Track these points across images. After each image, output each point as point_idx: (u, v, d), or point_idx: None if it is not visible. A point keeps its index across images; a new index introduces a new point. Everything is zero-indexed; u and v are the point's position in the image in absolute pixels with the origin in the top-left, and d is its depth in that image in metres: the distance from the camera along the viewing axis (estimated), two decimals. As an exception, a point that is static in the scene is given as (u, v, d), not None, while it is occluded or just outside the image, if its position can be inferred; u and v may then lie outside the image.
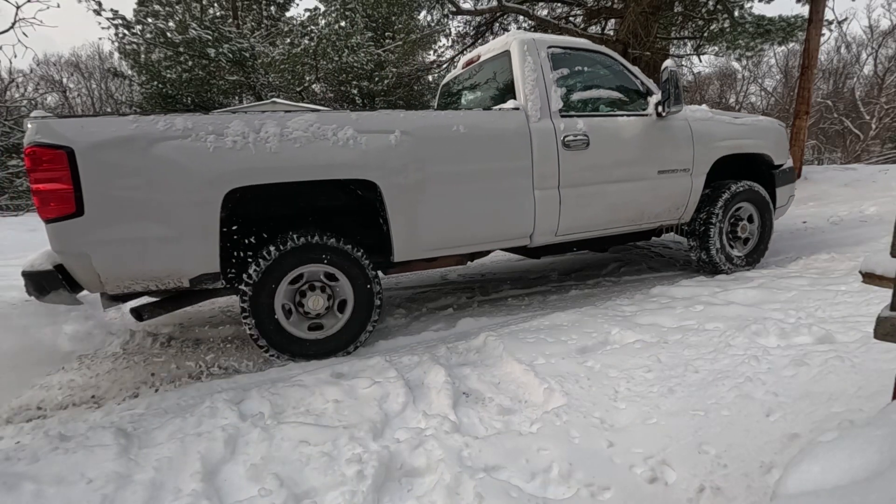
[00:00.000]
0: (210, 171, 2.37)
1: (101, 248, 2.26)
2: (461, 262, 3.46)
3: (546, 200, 3.14)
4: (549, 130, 3.11)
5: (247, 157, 2.42)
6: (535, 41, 3.25)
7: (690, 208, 3.74)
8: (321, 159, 2.55)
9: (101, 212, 2.23)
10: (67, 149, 2.16)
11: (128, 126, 2.27)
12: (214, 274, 2.49)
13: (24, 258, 5.72)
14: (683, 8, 11.10)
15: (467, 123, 2.89)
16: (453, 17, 12.86)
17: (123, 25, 13.52)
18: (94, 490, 1.54)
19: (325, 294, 2.75)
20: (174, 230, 2.35)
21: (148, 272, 2.38)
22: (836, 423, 1.50)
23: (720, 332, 2.36)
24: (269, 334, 2.63)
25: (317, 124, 2.56)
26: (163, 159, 2.30)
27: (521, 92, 3.16)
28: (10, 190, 12.09)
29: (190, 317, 3.68)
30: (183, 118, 2.37)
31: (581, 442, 1.66)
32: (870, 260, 1.29)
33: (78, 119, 2.25)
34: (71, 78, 26.34)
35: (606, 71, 3.50)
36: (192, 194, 2.35)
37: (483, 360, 2.45)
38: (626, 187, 3.40)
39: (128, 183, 2.27)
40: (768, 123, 4.20)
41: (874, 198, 6.88)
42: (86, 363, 2.88)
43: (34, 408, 2.36)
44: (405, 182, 2.73)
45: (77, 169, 2.17)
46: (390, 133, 2.69)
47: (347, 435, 1.77)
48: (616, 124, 3.36)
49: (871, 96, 22.31)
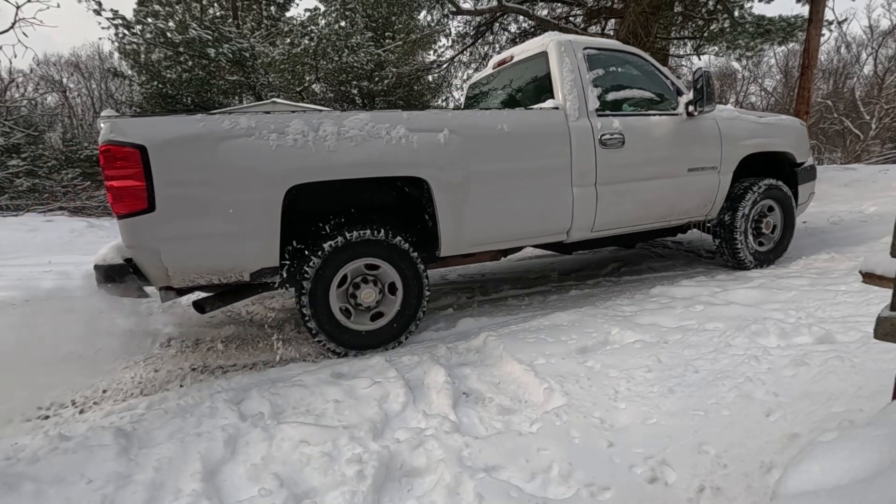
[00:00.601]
0: (273, 168, 2.44)
1: (170, 243, 2.34)
2: (495, 258, 3.53)
3: (584, 197, 3.21)
4: (587, 129, 3.18)
5: (307, 155, 2.49)
6: (572, 42, 3.33)
7: (717, 205, 3.84)
8: (376, 157, 2.63)
9: (170, 208, 2.30)
10: (140, 147, 2.23)
11: (196, 125, 2.35)
12: (274, 268, 2.56)
13: (24, 258, 5.71)
14: (683, 8, 11.09)
15: (511, 122, 2.96)
16: (453, 17, 12.86)
17: (123, 25, 13.51)
18: (94, 490, 1.54)
19: (376, 287, 2.82)
20: (239, 226, 2.43)
21: (213, 267, 2.46)
22: (837, 423, 1.50)
23: (720, 332, 2.36)
24: (325, 327, 2.69)
25: (371, 123, 2.63)
26: (228, 157, 2.37)
27: (559, 92, 3.23)
28: (10, 190, 12.08)
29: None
30: (247, 117, 2.44)
31: (581, 442, 1.66)
32: (870, 260, 1.29)
33: (149, 118, 2.33)
34: (71, 78, 26.34)
35: (638, 71, 3.59)
36: (256, 191, 2.43)
37: (483, 360, 2.45)
38: (658, 184, 3.49)
39: (196, 180, 2.34)
40: (790, 122, 4.29)
41: (874, 198, 6.87)
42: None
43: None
44: (453, 179, 2.81)
45: (149, 166, 2.24)
46: (439, 132, 2.77)
47: (347, 435, 1.77)
48: (649, 123, 3.44)
49: (871, 96, 22.31)
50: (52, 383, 2.59)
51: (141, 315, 3.37)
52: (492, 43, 13.32)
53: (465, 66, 14.48)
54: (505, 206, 2.99)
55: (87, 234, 8.26)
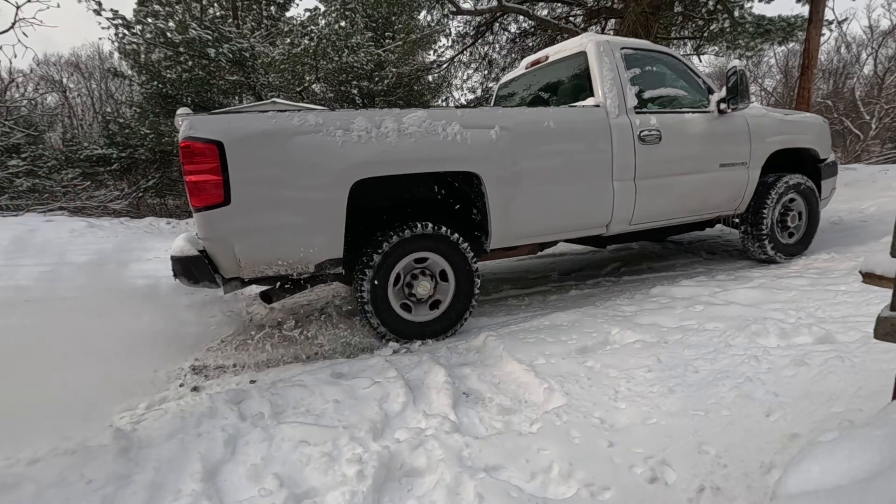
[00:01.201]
0: (339, 163, 2.54)
1: (243, 235, 2.45)
2: (533, 252, 3.67)
3: (623, 191, 3.32)
4: (626, 126, 3.30)
5: (370, 150, 2.60)
6: (610, 42, 3.45)
7: (746, 199, 3.94)
8: (433, 153, 2.74)
9: (244, 201, 2.40)
10: (218, 143, 2.33)
11: (268, 122, 2.45)
12: (337, 260, 2.66)
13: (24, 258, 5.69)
14: (683, 8, 11.09)
15: (556, 119, 3.07)
16: (453, 17, 12.85)
17: (123, 25, 13.49)
18: (93, 490, 1.54)
19: (431, 279, 2.92)
20: (307, 219, 2.54)
21: (282, 258, 2.55)
22: (836, 423, 1.50)
23: (720, 332, 2.36)
24: (384, 317, 2.79)
25: (428, 120, 2.73)
26: (298, 153, 2.48)
27: (599, 90, 3.34)
28: (10, 190, 12.07)
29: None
30: (314, 114, 2.54)
31: (581, 442, 1.66)
32: (870, 260, 1.29)
33: (225, 115, 2.44)
34: (71, 78, 26.32)
35: (671, 70, 3.72)
36: (323, 185, 2.53)
37: (483, 360, 2.45)
38: (691, 179, 3.61)
39: (268, 174, 2.45)
40: (814, 119, 4.43)
41: (874, 198, 6.86)
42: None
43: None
44: (504, 174, 2.91)
45: (226, 162, 2.34)
46: (491, 128, 2.87)
47: (347, 435, 1.77)
48: (683, 120, 3.56)
49: (871, 96, 22.30)
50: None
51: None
52: (492, 43, 13.33)
53: (465, 66, 14.49)
54: (550, 199, 3.10)
55: (87, 234, 8.26)
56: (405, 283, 2.88)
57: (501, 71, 13.89)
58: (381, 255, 2.71)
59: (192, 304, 3.74)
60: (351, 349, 2.83)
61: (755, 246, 4.01)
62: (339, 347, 2.84)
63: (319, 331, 2.99)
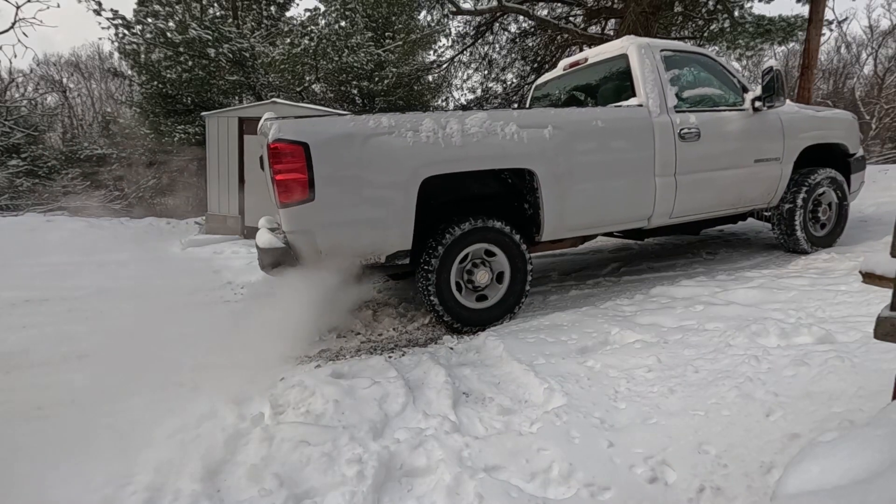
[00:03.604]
0: (411, 162, 2.74)
1: (325, 228, 2.65)
2: (574, 245, 3.82)
3: (665, 186, 3.48)
4: (667, 124, 3.46)
5: (438, 149, 2.80)
6: (650, 45, 3.62)
7: (779, 193, 4.08)
8: (494, 151, 2.93)
9: (327, 197, 2.61)
10: (304, 144, 2.54)
11: (347, 124, 2.67)
12: (406, 251, 2.86)
13: (24, 258, 5.67)
14: (683, 8, 11.09)
15: (604, 118, 3.24)
16: (453, 17, 12.86)
17: (123, 25, 13.48)
18: (93, 490, 1.54)
19: (488, 269, 3.10)
20: (382, 213, 2.74)
21: (358, 249, 2.76)
22: (837, 423, 1.50)
23: (720, 332, 2.35)
24: (447, 305, 2.97)
25: (488, 121, 2.92)
26: (374, 152, 2.68)
27: (641, 90, 3.50)
28: (10, 190, 12.07)
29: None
30: (387, 117, 2.76)
31: (581, 442, 1.66)
32: (870, 260, 1.29)
33: (309, 119, 2.67)
34: (71, 78, 26.31)
35: (707, 70, 3.87)
36: (397, 182, 2.73)
37: (483, 360, 2.45)
38: (728, 174, 3.76)
39: (348, 173, 2.64)
40: (844, 115, 4.57)
41: (874, 198, 6.86)
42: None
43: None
44: (557, 170, 3.08)
45: (311, 161, 2.54)
46: (545, 127, 3.05)
47: (347, 435, 1.77)
48: (720, 118, 3.71)
49: (871, 96, 22.29)
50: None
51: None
52: (492, 43, 13.34)
53: (465, 66, 14.49)
54: (598, 194, 3.28)
55: (88, 233, 8.25)
56: (465, 273, 3.06)
57: (501, 71, 13.90)
58: (445, 247, 2.90)
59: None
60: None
61: (788, 238, 4.12)
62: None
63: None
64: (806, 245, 4.09)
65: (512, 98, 13.61)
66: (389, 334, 3.13)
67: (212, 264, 6.03)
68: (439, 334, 3.04)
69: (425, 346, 2.83)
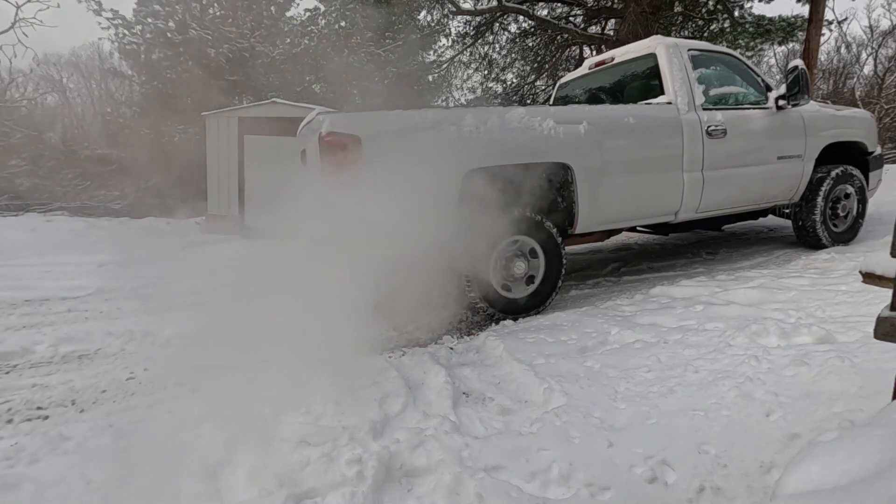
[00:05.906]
0: (455, 155, 2.85)
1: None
2: (601, 239, 3.94)
3: (692, 182, 3.58)
4: (695, 121, 3.56)
5: (481, 144, 2.91)
6: (678, 45, 3.72)
7: (801, 190, 4.18)
8: (533, 146, 3.04)
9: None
10: (356, 137, 2.66)
11: (396, 119, 2.82)
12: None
13: (24, 258, 5.66)
14: (683, 8, 11.09)
15: (635, 115, 3.36)
16: (453, 17, 12.86)
17: (123, 25, 13.50)
18: (93, 490, 1.54)
19: (525, 259, 3.18)
20: (431, 204, 2.74)
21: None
22: (837, 423, 1.50)
23: (720, 332, 2.35)
24: (489, 297, 3.08)
25: (527, 117, 3.02)
26: (421, 146, 2.80)
27: (670, 89, 3.61)
28: (10, 190, 12.05)
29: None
30: (433, 112, 2.93)
31: (581, 442, 1.66)
32: (870, 260, 1.29)
33: (359, 114, 2.92)
34: (71, 78, 26.30)
35: (732, 69, 3.97)
36: (441, 174, 2.82)
37: (483, 360, 2.45)
38: (753, 171, 3.86)
39: (385, 166, 2.67)
40: (863, 114, 4.70)
41: (874, 197, 6.85)
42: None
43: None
44: (592, 165, 3.19)
45: (361, 154, 2.66)
46: (580, 123, 3.15)
47: (347, 435, 1.77)
48: (745, 116, 3.82)
49: (871, 96, 22.28)
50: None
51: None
52: (492, 43, 13.33)
53: (465, 66, 14.49)
54: (630, 188, 3.39)
55: (88, 233, 8.25)
56: (503, 264, 3.14)
57: (501, 71, 13.89)
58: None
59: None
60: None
61: (809, 234, 4.21)
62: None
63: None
64: (826, 240, 4.18)
65: (512, 98, 13.61)
66: (390, 334, 3.13)
67: (212, 264, 6.03)
68: (439, 334, 3.04)
69: (425, 346, 2.82)
